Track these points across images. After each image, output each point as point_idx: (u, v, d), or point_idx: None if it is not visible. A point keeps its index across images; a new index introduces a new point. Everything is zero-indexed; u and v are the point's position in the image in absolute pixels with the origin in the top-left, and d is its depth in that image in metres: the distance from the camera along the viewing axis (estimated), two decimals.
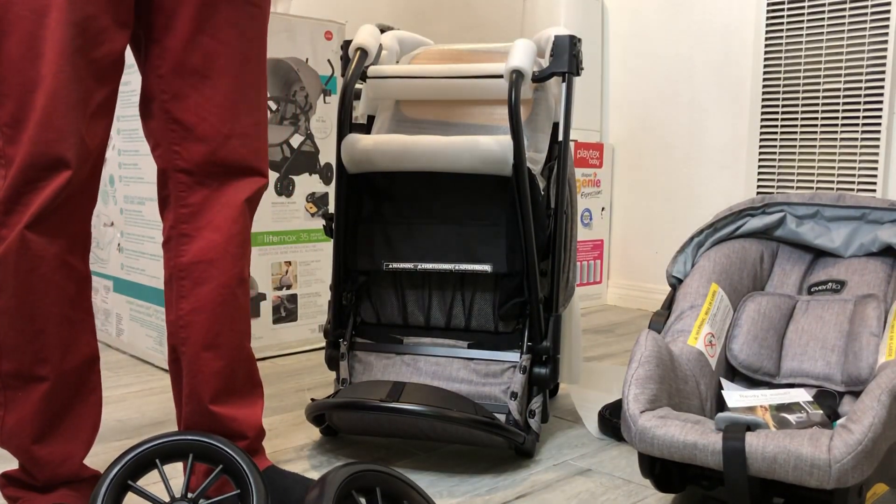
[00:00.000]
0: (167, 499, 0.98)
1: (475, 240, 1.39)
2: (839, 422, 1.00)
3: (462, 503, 1.24)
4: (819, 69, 2.46)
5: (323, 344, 2.24)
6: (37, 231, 0.98)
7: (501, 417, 1.37)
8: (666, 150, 2.90)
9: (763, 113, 2.59)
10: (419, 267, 1.41)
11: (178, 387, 1.17)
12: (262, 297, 2.10)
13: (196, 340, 1.11)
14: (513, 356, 1.41)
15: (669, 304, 1.36)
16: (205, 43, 1.06)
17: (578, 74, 1.45)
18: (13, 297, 0.99)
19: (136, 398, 1.77)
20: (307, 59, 2.13)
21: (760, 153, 2.61)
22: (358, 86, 1.56)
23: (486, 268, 1.38)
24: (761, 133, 2.61)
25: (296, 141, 2.13)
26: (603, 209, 3.04)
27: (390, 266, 1.42)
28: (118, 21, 1.00)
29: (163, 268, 1.15)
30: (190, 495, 1.02)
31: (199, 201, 1.11)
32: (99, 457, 1.41)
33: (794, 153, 2.54)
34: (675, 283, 1.39)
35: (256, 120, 1.13)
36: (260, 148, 1.14)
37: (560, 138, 1.48)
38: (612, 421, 1.53)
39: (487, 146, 1.32)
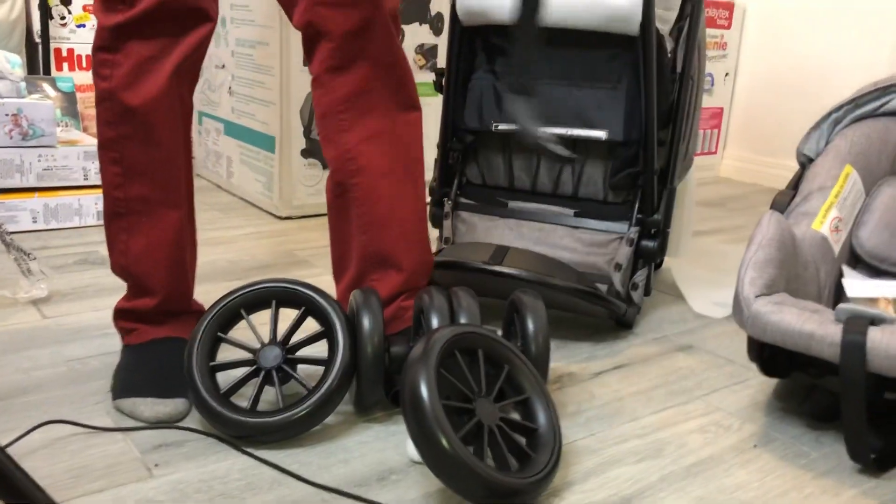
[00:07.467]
0: (258, 345, 1.02)
1: (592, 103, 1.32)
2: None
3: (558, 368, 1.25)
4: None
5: None
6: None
7: (603, 288, 1.35)
8: (804, 11, 2.65)
9: None
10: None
11: (342, 222, 1.13)
12: None
13: (373, 169, 1.08)
14: (620, 227, 1.36)
15: (796, 183, 1.27)
16: None
17: None
18: (141, 125, 1.01)
19: (246, 240, 1.83)
20: None
21: None
22: None
23: (602, 134, 1.31)
24: None
25: None
26: (727, 74, 2.85)
27: (499, 127, 1.37)
28: None
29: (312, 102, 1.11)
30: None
31: (344, 32, 1.03)
32: (210, 294, 1.46)
33: None
34: (805, 162, 1.29)
35: None
36: None
37: None
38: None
39: (615, 1, 1.22)
